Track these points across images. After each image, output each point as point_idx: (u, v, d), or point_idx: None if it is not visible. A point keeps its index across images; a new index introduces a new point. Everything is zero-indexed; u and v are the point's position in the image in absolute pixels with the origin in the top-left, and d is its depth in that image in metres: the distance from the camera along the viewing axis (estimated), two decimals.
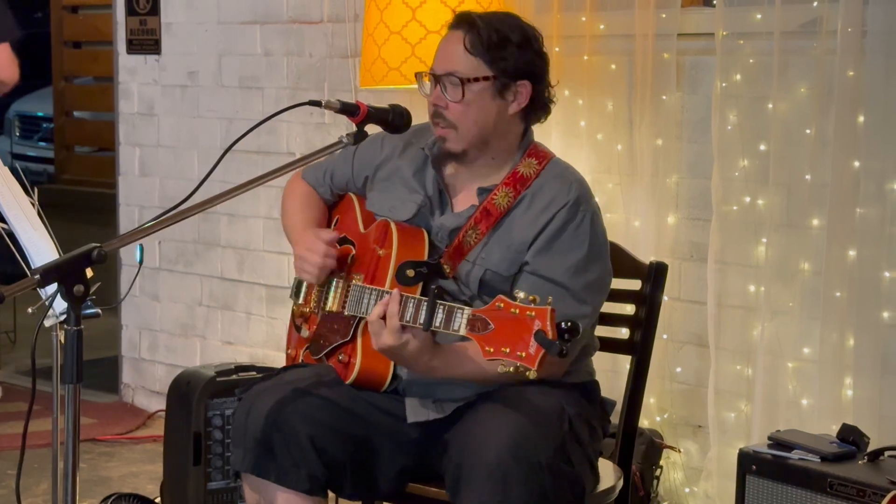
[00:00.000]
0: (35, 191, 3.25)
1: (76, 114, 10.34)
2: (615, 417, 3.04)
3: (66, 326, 2.19)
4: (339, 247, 2.90)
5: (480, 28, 2.74)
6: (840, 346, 3.38)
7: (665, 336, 3.76)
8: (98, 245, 2.20)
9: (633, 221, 3.82)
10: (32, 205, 3.20)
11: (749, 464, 3.00)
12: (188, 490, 3.65)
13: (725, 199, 3.63)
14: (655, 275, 3.05)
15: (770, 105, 3.52)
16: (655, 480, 3.74)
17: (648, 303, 3.04)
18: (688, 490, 3.80)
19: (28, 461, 2.68)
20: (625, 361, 3.13)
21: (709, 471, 3.70)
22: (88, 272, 2.21)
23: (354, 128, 2.59)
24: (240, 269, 4.99)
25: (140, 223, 4.91)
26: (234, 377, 3.68)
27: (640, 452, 3.62)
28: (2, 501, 4.20)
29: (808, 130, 3.45)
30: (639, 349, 3.04)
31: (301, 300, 2.96)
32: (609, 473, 2.91)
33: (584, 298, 2.72)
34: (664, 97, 3.75)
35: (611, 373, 3.71)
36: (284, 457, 2.66)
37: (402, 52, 3.62)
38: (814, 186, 3.46)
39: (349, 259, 2.87)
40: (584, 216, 2.74)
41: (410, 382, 2.77)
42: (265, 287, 4.89)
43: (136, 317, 5.39)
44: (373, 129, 2.65)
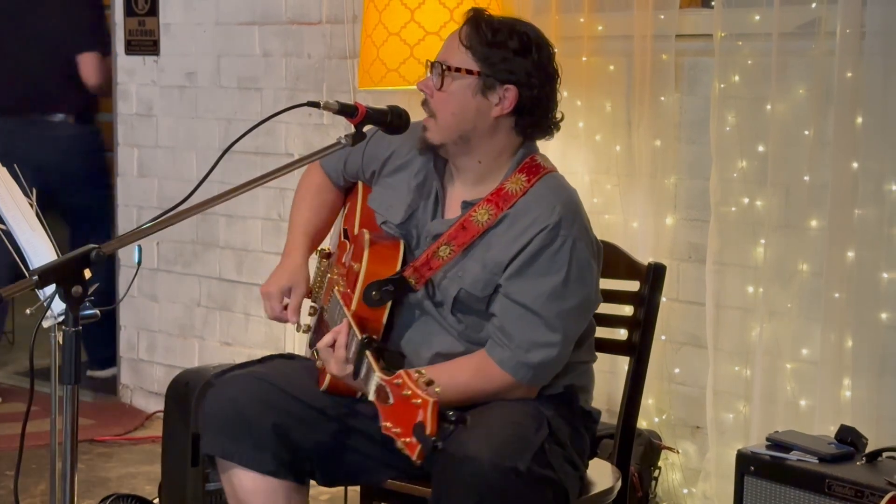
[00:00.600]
0: (33, 192, 3.25)
1: None
2: (613, 418, 3.04)
3: (65, 327, 2.19)
4: (341, 240, 2.94)
5: (481, 25, 2.73)
6: (838, 347, 3.38)
7: (663, 337, 3.76)
8: (96, 246, 2.20)
9: (632, 222, 3.82)
10: (31, 206, 3.20)
11: (747, 465, 2.99)
12: (186, 491, 3.65)
13: (724, 200, 3.63)
14: (654, 276, 3.05)
15: (769, 106, 3.52)
16: (654, 481, 3.74)
17: (647, 304, 3.04)
18: (686, 491, 3.80)
19: (26, 462, 2.69)
20: (623, 362, 3.13)
21: (707, 472, 3.70)
22: (87, 273, 2.21)
23: (353, 129, 2.59)
24: (238, 270, 4.99)
25: (138, 224, 4.92)
26: None
27: (639, 453, 3.62)
28: (0, 502, 4.19)
29: (807, 131, 3.45)
30: (637, 350, 3.05)
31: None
32: (607, 474, 2.91)
33: (556, 326, 2.67)
34: (663, 98, 3.75)
35: (609, 374, 3.72)
36: (246, 440, 2.70)
37: (401, 54, 3.62)
38: (812, 187, 3.46)
39: (343, 258, 2.90)
40: (565, 241, 2.66)
41: None
42: None
43: (135, 317, 5.39)
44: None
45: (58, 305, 2.64)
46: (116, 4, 5.30)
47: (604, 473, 2.91)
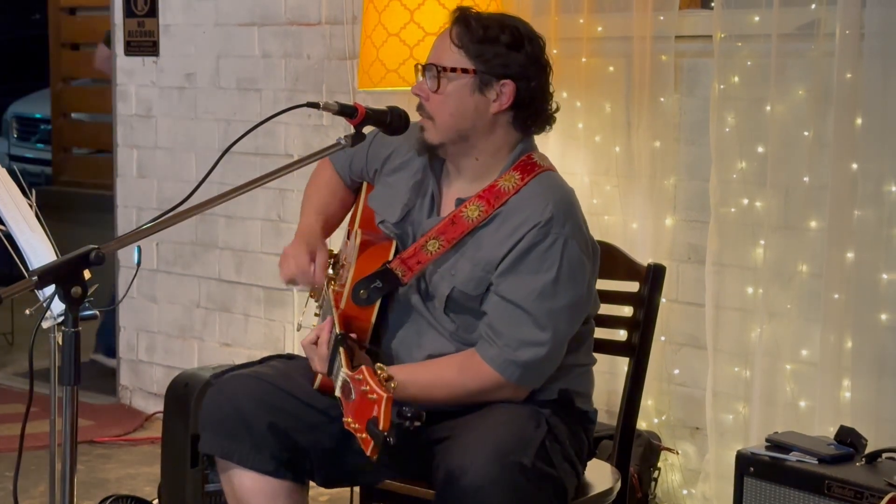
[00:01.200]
0: (33, 192, 3.25)
1: (74, 115, 10.34)
2: (613, 419, 3.04)
3: (64, 328, 2.19)
4: (345, 240, 2.95)
5: (471, 23, 2.71)
6: (838, 348, 3.38)
7: (663, 338, 3.76)
8: (96, 247, 2.20)
9: (631, 223, 3.82)
10: (30, 206, 3.20)
11: (747, 466, 2.99)
12: (186, 492, 3.65)
13: (723, 201, 3.63)
14: (653, 277, 3.05)
15: (768, 107, 3.52)
16: (653, 482, 3.74)
17: (646, 305, 3.04)
18: (686, 492, 3.80)
19: (25, 463, 2.68)
20: (623, 363, 3.13)
21: (706, 473, 3.70)
22: (86, 274, 2.21)
23: (352, 129, 2.59)
24: (238, 271, 4.99)
25: (138, 225, 4.93)
26: None
27: (638, 454, 3.62)
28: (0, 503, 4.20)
29: (806, 132, 3.46)
30: (637, 351, 3.05)
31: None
32: (607, 475, 2.91)
33: (545, 325, 2.64)
34: (662, 99, 3.75)
35: (608, 374, 3.72)
36: (245, 440, 2.70)
37: (401, 54, 3.62)
38: (812, 188, 3.46)
39: (343, 258, 2.90)
40: (557, 238, 2.64)
41: None
42: (263, 289, 4.89)
43: (134, 318, 5.39)
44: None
45: (57, 306, 2.65)
46: (116, 5, 5.30)
47: (603, 474, 2.91)
